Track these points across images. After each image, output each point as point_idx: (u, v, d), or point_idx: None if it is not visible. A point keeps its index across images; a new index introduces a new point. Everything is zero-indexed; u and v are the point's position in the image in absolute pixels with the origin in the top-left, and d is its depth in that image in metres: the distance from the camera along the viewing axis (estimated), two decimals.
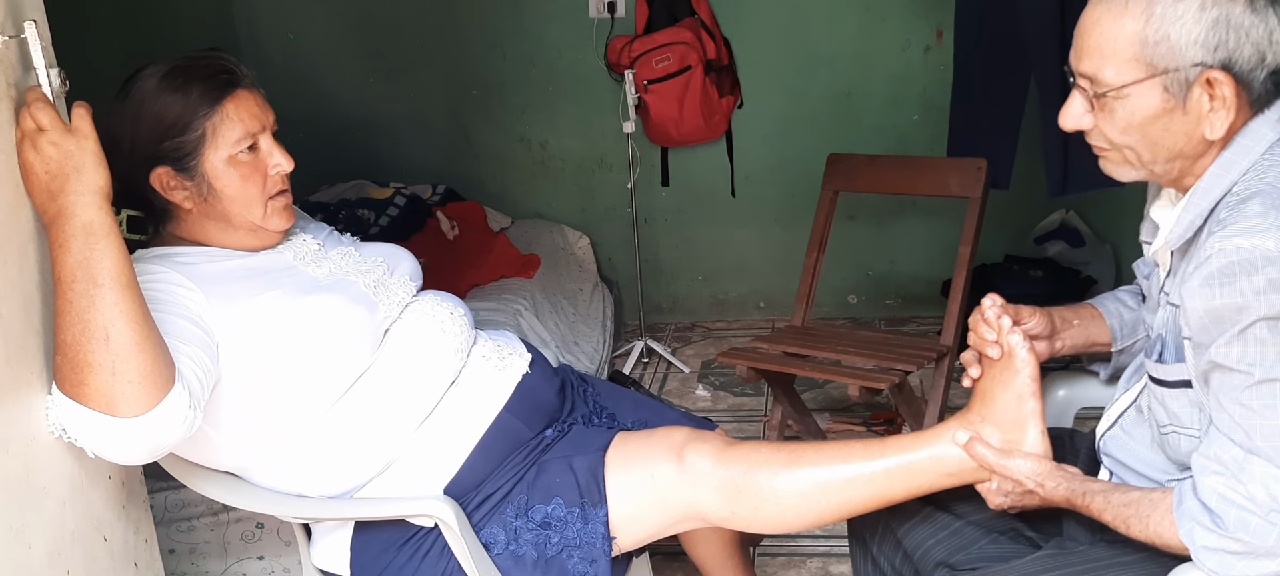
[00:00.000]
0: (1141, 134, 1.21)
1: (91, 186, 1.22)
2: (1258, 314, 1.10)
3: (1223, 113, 1.17)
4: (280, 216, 1.58)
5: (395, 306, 1.62)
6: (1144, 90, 1.18)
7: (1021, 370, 1.39)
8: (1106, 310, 1.51)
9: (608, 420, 1.77)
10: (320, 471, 1.55)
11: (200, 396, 1.32)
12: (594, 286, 3.70)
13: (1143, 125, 1.20)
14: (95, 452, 1.23)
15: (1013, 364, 1.40)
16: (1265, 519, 1.11)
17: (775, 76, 3.65)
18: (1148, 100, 1.19)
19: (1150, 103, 1.19)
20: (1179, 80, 1.16)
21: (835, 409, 3.16)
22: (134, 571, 1.39)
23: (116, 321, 1.20)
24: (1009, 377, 1.40)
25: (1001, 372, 1.41)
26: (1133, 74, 1.18)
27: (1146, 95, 1.18)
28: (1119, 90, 1.19)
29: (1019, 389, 1.40)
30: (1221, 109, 1.17)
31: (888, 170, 2.92)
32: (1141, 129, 1.21)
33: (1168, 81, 1.17)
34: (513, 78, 3.81)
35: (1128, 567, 1.29)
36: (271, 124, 1.56)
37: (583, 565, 1.55)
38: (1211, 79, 1.16)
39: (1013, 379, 1.40)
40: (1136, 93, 1.19)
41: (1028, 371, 1.39)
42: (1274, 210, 1.12)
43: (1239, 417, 1.13)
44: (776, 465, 1.51)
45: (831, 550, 2.42)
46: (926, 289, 3.77)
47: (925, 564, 1.51)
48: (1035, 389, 1.39)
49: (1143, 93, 1.18)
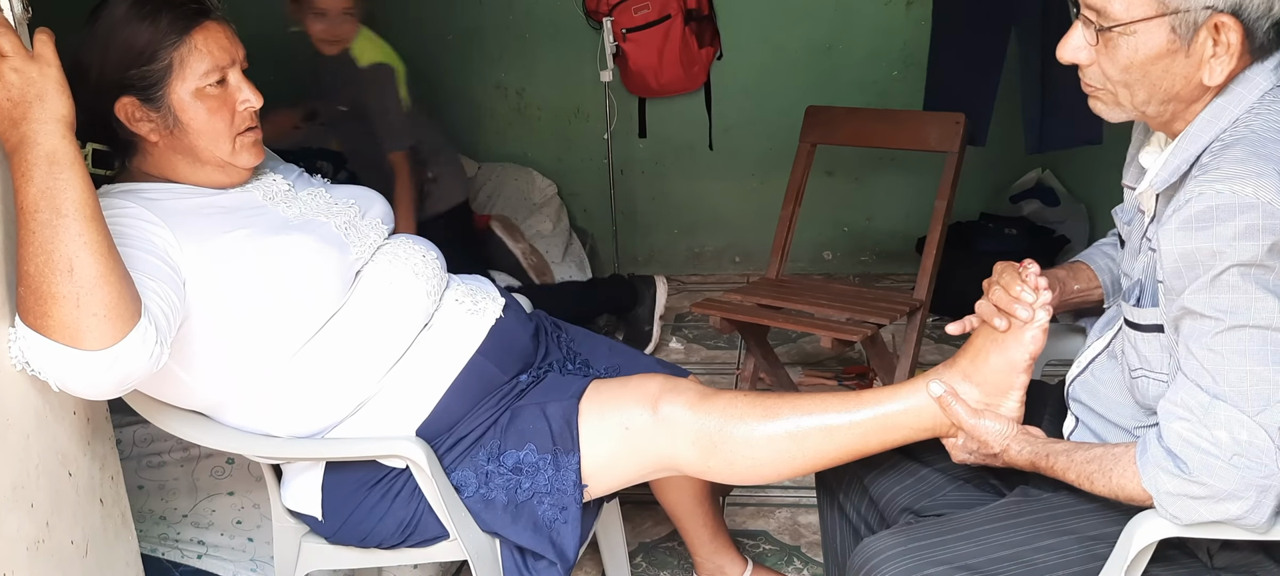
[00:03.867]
0: (1142, 73, 1.20)
1: (54, 114, 1.19)
2: (1231, 260, 1.11)
3: (1224, 59, 1.16)
4: (249, 153, 1.55)
5: (367, 248, 1.61)
6: (1151, 28, 1.17)
7: (1027, 345, 1.39)
8: (1097, 266, 1.52)
9: (582, 366, 1.77)
10: (291, 411, 1.54)
11: (167, 332, 1.31)
12: (566, 237, 3.66)
13: (1144, 64, 1.19)
14: (59, 386, 1.22)
15: (1022, 336, 1.39)
16: (1229, 463, 1.13)
17: (756, 28, 3.63)
18: (1154, 39, 1.17)
19: (1155, 41, 1.17)
20: (1188, 21, 1.15)
21: (808, 363, 3.18)
22: (99, 508, 1.38)
23: (81, 252, 1.18)
24: (1011, 347, 1.40)
25: (1005, 339, 1.40)
26: (1143, 10, 1.16)
27: (1153, 33, 1.17)
28: (1127, 26, 1.17)
29: (1016, 361, 1.40)
30: (1224, 55, 1.16)
31: (866, 123, 2.91)
32: (1143, 68, 1.19)
33: (1177, 22, 1.16)
34: (490, 23, 3.76)
35: (1089, 513, 1.31)
36: (241, 59, 1.53)
37: (553, 511, 1.56)
38: (1219, 24, 1.15)
39: (1015, 349, 1.39)
40: (1144, 29, 1.17)
41: (1032, 349, 1.39)
42: (1256, 157, 1.13)
43: (1207, 363, 1.15)
44: (752, 417, 1.51)
45: (800, 500, 2.44)
46: (902, 245, 3.78)
47: (891, 510, 1.53)
48: (1030, 366, 1.39)
49: (1150, 30, 1.17)
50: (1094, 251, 1.55)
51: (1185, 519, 1.18)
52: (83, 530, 1.33)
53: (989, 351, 1.41)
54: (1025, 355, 1.39)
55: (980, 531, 1.33)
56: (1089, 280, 1.52)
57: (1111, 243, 1.56)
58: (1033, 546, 1.30)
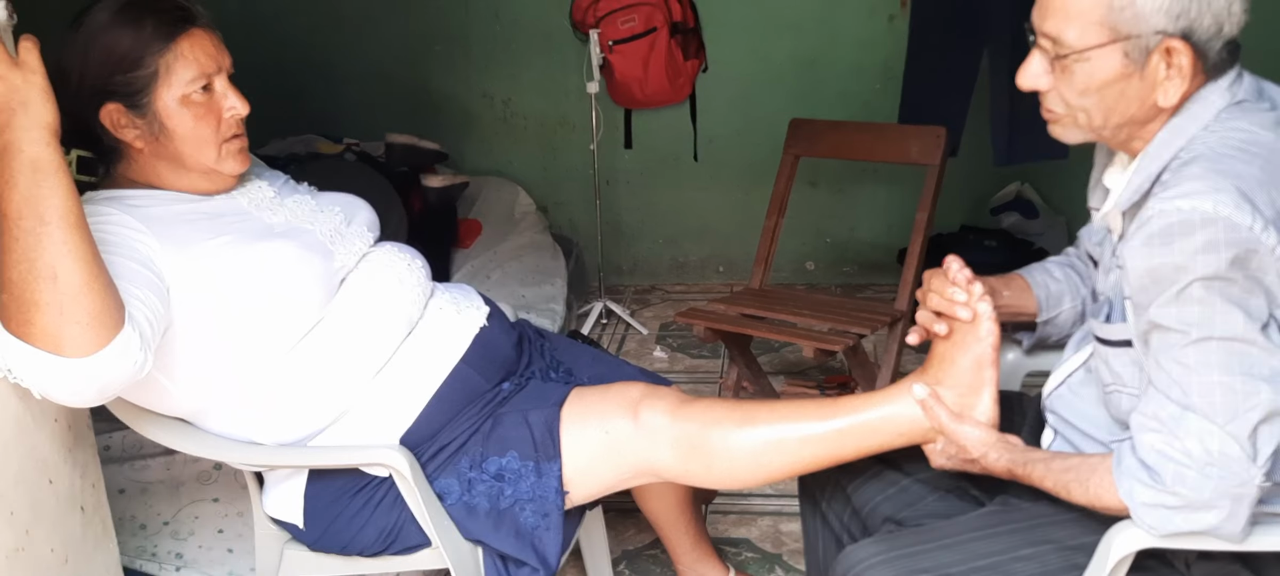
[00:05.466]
0: (1098, 97, 1.22)
1: (38, 121, 1.19)
2: (1194, 274, 1.13)
3: (1177, 81, 1.19)
4: (234, 160, 1.55)
5: (352, 256, 1.61)
6: (1105, 54, 1.19)
7: (985, 338, 1.41)
8: (1034, 281, 1.53)
9: (564, 375, 1.78)
10: (274, 419, 1.54)
11: (150, 339, 1.31)
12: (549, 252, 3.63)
13: (1100, 88, 1.22)
14: (41, 393, 1.21)
15: (977, 330, 1.41)
16: (1201, 472, 1.15)
17: (740, 41, 3.65)
18: (1108, 65, 1.20)
19: (1109, 67, 1.20)
20: (1140, 46, 1.18)
21: (791, 372, 3.19)
22: (81, 515, 1.37)
23: (64, 260, 1.18)
24: (970, 343, 1.42)
25: (963, 338, 1.42)
26: (1096, 37, 1.19)
27: (1107, 59, 1.20)
28: (1081, 53, 1.20)
29: (979, 356, 1.41)
30: (1176, 77, 1.19)
31: (849, 135, 2.94)
32: (1098, 92, 1.22)
33: (1129, 47, 1.18)
34: (477, 32, 3.76)
35: (1069, 523, 1.32)
36: (227, 66, 1.53)
37: (535, 519, 1.56)
38: (1171, 48, 1.17)
39: (975, 345, 1.41)
40: (1097, 56, 1.20)
41: (991, 341, 1.40)
42: (1213, 173, 1.15)
43: (1176, 375, 1.16)
44: (731, 423, 1.52)
45: (782, 509, 2.45)
46: (884, 256, 3.81)
47: (873, 519, 1.54)
48: (995, 358, 1.41)
49: (1103, 57, 1.19)
50: (1035, 267, 1.56)
51: (1162, 529, 1.19)
52: (62, 538, 1.32)
53: (954, 355, 1.43)
54: (987, 348, 1.40)
55: (961, 540, 1.34)
56: (1022, 292, 1.53)
57: (1059, 260, 1.57)
58: (1012, 555, 1.31)
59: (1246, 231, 1.11)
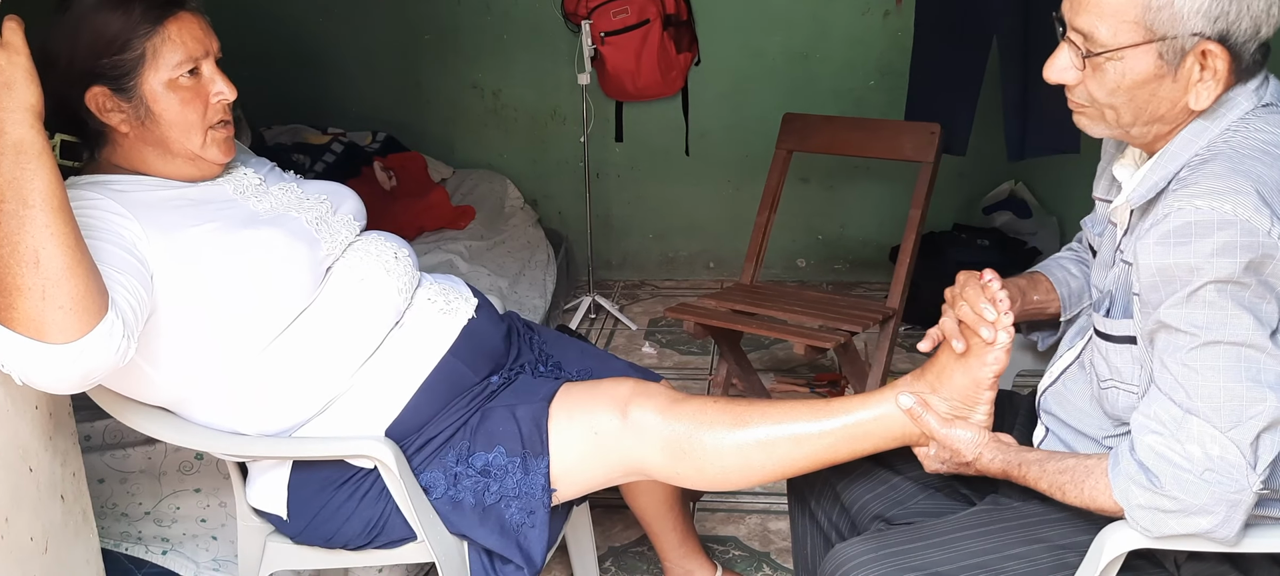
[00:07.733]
0: (1128, 97, 1.20)
1: (22, 103, 1.17)
2: (1208, 276, 1.11)
3: (1212, 84, 1.16)
4: (220, 147, 1.53)
5: (338, 244, 1.59)
6: (1139, 54, 1.16)
7: (991, 365, 1.38)
8: (1056, 279, 1.52)
9: (553, 369, 1.76)
10: (258, 409, 1.52)
11: (134, 326, 1.29)
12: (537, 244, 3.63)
13: (1131, 88, 1.19)
14: (23, 379, 1.19)
15: (985, 355, 1.38)
16: (1200, 477, 1.14)
17: (733, 34, 3.64)
18: (1141, 64, 1.17)
19: (1142, 67, 1.17)
20: (1175, 48, 1.15)
21: (780, 369, 3.19)
22: (61, 504, 1.35)
23: (47, 244, 1.16)
24: (974, 366, 1.39)
25: (968, 358, 1.40)
26: (1130, 37, 1.16)
27: (1140, 59, 1.17)
28: (1114, 52, 1.17)
29: (980, 380, 1.39)
30: (1211, 80, 1.16)
31: (842, 131, 2.93)
32: (1129, 92, 1.19)
33: (1164, 48, 1.15)
34: (467, 23, 3.74)
35: (1059, 522, 1.32)
36: (215, 50, 1.51)
37: (521, 515, 1.55)
38: (1207, 50, 1.14)
39: (980, 369, 1.39)
40: (1131, 56, 1.17)
41: (996, 369, 1.38)
42: (1234, 173, 1.13)
43: (1181, 377, 1.15)
44: (722, 425, 1.51)
45: (770, 507, 2.44)
46: (876, 254, 3.80)
47: (862, 517, 1.53)
48: (995, 383, 1.39)
49: (1137, 56, 1.16)
50: (1052, 264, 1.55)
51: (1156, 531, 1.18)
52: (42, 526, 1.31)
53: (953, 370, 1.41)
54: (989, 375, 1.38)
55: (951, 539, 1.33)
56: (1047, 292, 1.52)
57: (1070, 255, 1.56)
58: (1003, 554, 1.30)
59: (1264, 236, 1.10)
